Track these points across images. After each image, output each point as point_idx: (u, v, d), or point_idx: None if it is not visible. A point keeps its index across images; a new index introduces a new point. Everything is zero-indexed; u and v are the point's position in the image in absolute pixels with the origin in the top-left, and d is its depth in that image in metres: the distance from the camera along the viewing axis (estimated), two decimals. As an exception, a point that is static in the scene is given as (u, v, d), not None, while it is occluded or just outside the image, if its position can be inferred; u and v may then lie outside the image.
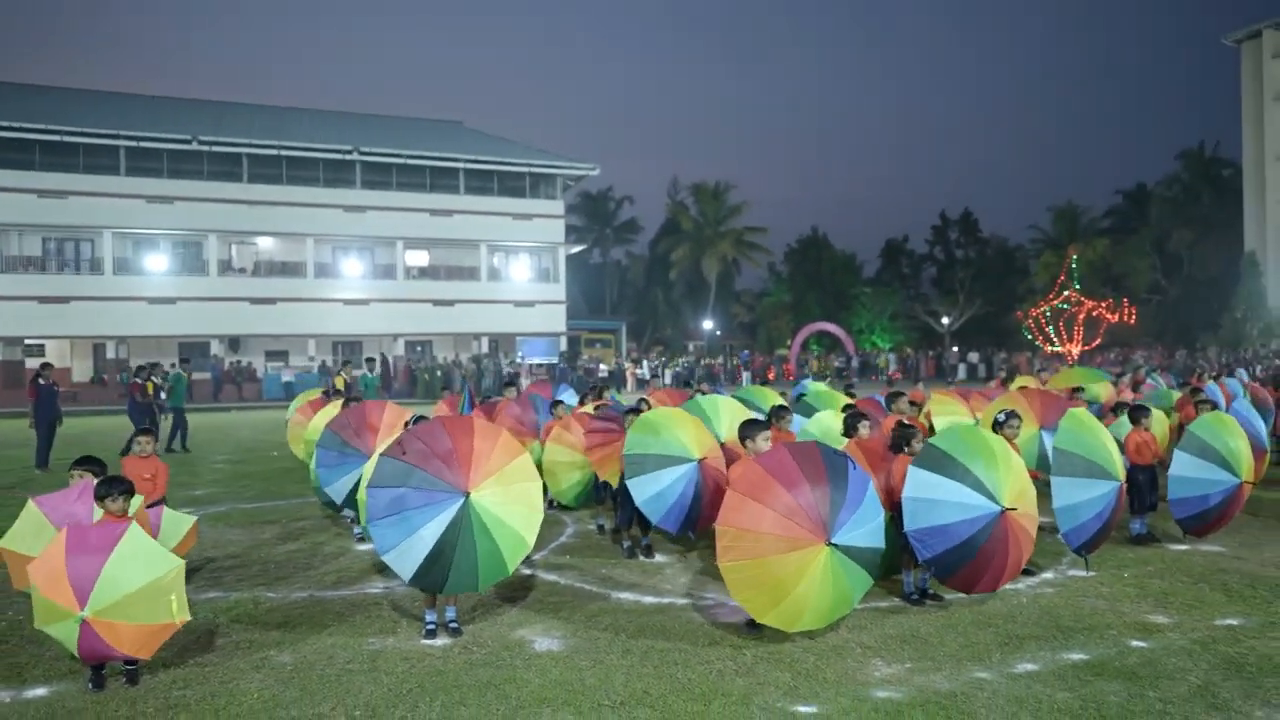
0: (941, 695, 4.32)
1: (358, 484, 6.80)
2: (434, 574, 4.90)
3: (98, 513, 4.82)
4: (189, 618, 4.60)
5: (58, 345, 34.59)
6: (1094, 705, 4.19)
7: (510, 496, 5.20)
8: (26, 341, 33.41)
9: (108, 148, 33.13)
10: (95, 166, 33.23)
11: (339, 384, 15.29)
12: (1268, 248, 41.57)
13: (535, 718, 4.13)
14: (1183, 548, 7.35)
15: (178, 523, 6.24)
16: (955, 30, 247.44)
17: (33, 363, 34.01)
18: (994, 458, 5.48)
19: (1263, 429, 9.97)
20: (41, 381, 13.32)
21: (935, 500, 5.28)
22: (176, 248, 35.18)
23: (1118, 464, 6.39)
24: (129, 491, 4.73)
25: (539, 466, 7.73)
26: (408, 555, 4.84)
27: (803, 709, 4.19)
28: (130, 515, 4.71)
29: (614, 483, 7.58)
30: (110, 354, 34.40)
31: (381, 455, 5.26)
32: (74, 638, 4.27)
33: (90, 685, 4.49)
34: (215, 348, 35.03)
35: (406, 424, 8.62)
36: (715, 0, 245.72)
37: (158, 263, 34.16)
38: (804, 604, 4.72)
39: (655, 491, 6.54)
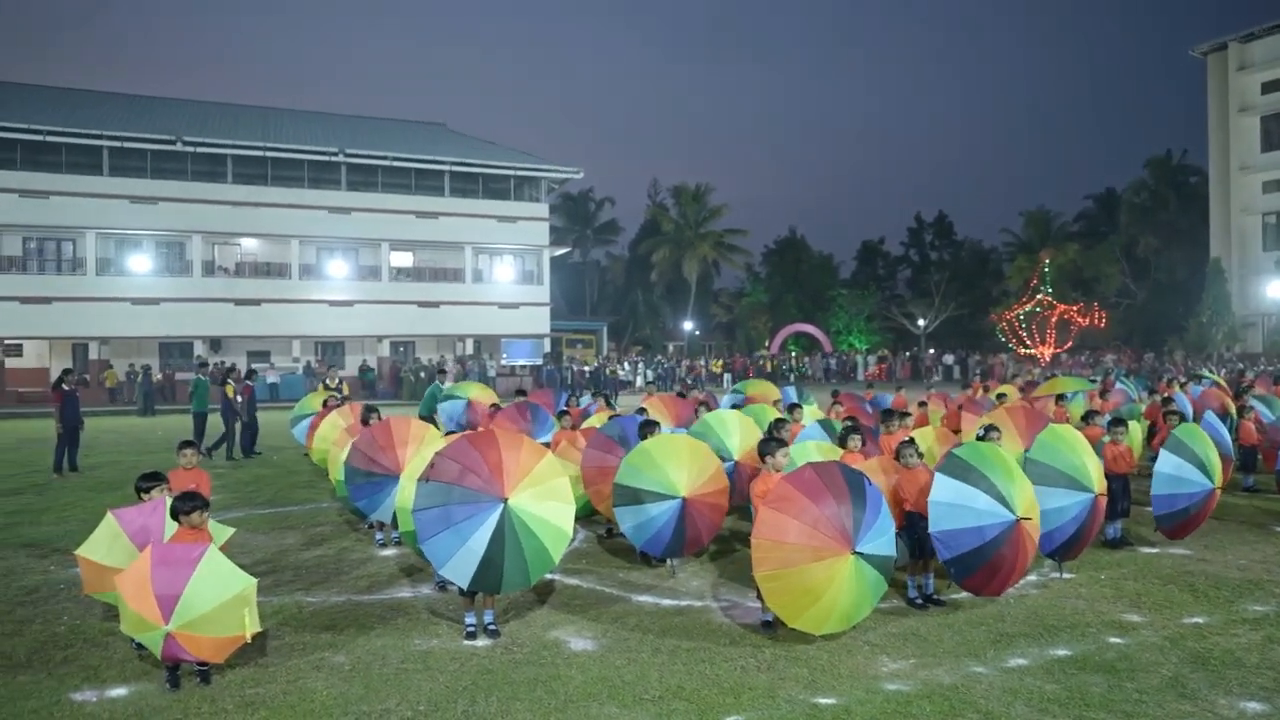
0: (944, 687, 4.84)
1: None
2: (489, 578, 5.36)
3: (171, 527, 5.19)
4: (259, 630, 5.00)
5: (36, 346, 34.37)
6: (1079, 695, 4.72)
7: (544, 494, 5.65)
8: (6, 341, 33.16)
9: (90, 147, 32.96)
10: (77, 166, 33.07)
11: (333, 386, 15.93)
12: (1232, 254, 42.90)
13: (584, 711, 4.59)
14: (1154, 551, 7.94)
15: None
16: (932, 37, 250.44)
17: (13, 363, 33.96)
18: (1009, 470, 6.05)
19: (1228, 437, 10.65)
20: (65, 387, 13.63)
21: (959, 505, 5.80)
22: (159, 248, 35.05)
23: (1094, 476, 6.88)
24: (205, 505, 5.12)
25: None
26: (462, 566, 5.29)
27: (823, 700, 4.68)
28: (206, 532, 5.10)
29: (610, 517, 7.90)
30: (92, 354, 34.20)
31: (418, 481, 5.63)
32: (159, 646, 4.66)
33: (167, 685, 4.88)
34: (198, 348, 35.00)
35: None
36: (694, 3, 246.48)
37: (140, 263, 34.03)
38: (832, 608, 5.23)
39: (638, 522, 6.94)
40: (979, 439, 7.62)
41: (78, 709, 4.66)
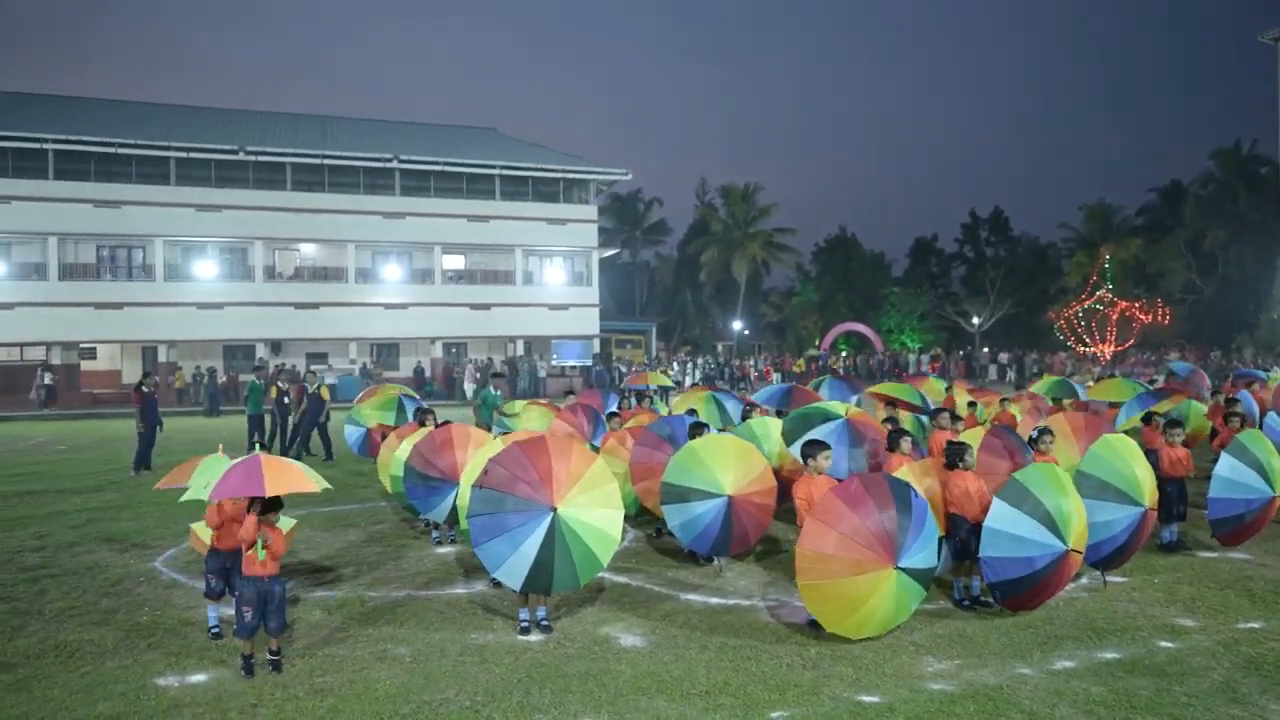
0: (989, 688, 4.89)
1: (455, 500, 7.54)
2: (540, 580, 5.59)
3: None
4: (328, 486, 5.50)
5: (109, 349, 35.92)
6: (1126, 698, 4.73)
7: (593, 500, 5.86)
8: (81, 345, 34.71)
9: (158, 158, 34.30)
10: (147, 176, 34.44)
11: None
12: (1305, 247, 41.19)
13: (633, 704, 4.76)
14: (1211, 555, 7.81)
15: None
16: (986, 26, 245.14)
17: (87, 365, 35.55)
18: (1066, 495, 6.01)
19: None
20: (146, 389, 14.34)
21: (1012, 535, 5.80)
22: (223, 254, 36.29)
23: (1145, 489, 6.72)
24: (280, 506, 5.46)
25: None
26: (515, 569, 5.55)
27: (867, 699, 4.78)
28: (279, 528, 5.41)
29: (658, 513, 8.03)
30: (161, 357, 35.58)
31: (473, 487, 5.90)
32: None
33: (242, 672, 5.19)
34: (260, 351, 36.16)
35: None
36: (742, 1, 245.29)
37: (206, 269, 35.28)
38: (871, 617, 5.37)
39: (684, 520, 7.14)
40: (1032, 441, 7.57)
41: (162, 693, 4.99)
